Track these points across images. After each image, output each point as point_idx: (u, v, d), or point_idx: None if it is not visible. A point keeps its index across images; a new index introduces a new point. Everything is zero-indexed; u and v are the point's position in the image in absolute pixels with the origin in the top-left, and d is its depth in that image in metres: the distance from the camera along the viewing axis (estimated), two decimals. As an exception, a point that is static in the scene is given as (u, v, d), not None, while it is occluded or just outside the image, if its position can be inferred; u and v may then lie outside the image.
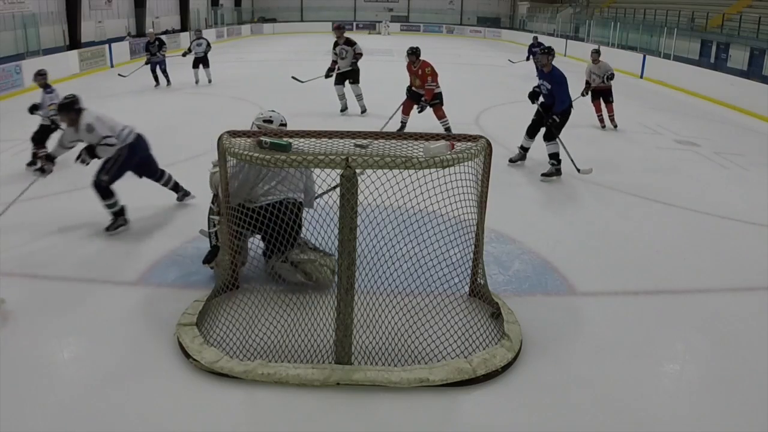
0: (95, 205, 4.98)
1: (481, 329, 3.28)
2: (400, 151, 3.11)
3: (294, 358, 3.10)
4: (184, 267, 4.19)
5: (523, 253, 4.54)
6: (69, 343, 3.38)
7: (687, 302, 3.97)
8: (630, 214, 5.58)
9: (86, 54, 15.43)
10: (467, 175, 3.20)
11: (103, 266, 4.19)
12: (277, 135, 3.26)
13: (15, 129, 8.67)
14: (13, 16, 15.36)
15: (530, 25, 33.33)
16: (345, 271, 2.94)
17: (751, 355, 3.36)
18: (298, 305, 3.47)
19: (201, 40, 12.85)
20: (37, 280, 4.02)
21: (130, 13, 22.96)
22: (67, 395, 2.88)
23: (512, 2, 38.09)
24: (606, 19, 24.86)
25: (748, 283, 4.24)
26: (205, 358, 3.03)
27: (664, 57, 17.11)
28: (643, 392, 2.99)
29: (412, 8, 38.37)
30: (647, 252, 4.70)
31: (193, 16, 28.38)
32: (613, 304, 3.92)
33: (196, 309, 3.45)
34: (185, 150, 7.31)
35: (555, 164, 6.42)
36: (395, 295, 3.32)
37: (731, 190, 6.49)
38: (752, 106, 11.51)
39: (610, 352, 3.33)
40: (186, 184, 5.86)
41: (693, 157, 7.85)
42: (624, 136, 9.07)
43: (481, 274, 3.68)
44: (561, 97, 6.28)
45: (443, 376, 2.94)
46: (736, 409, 2.91)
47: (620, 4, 27.59)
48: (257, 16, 36.75)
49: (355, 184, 2.87)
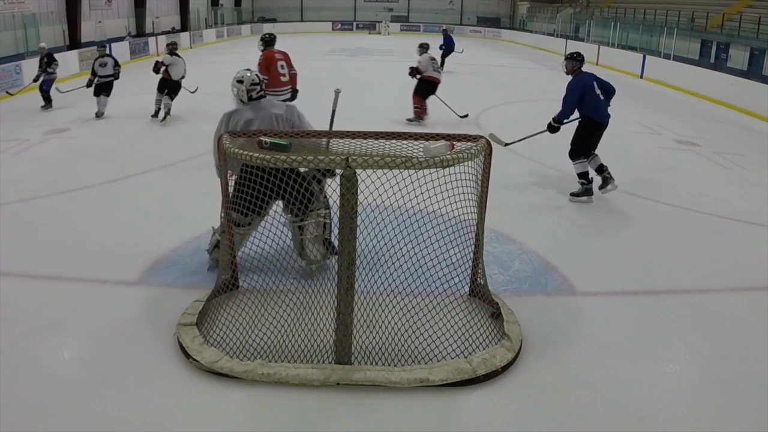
0: (95, 205, 4.99)
1: (481, 329, 3.28)
2: (400, 151, 3.11)
3: (294, 358, 3.10)
4: (184, 267, 4.19)
5: (523, 253, 4.54)
6: (69, 343, 3.38)
7: (687, 302, 3.97)
8: (630, 214, 5.58)
9: (86, 54, 15.41)
10: (467, 175, 3.20)
11: (103, 266, 4.18)
12: (278, 135, 3.26)
13: (15, 129, 8.68)
14: (13, 16, 15.37)
15: (530, 25, 33.35)
16: (345, 271, 2.94)
17: (751, 355, 3.36)
18: (298, 305, 3.47)
19: (105, 60, 9.71)
20: (37, 280, 4.02)
21: (130, 13, 22.98)
22: (67, 395, 2.88)
23: (512, 2, 38.11)
24: (606, 19, 24.88)
25: (748, 283, 4.24)
26: (205, 358, 3.03)
27: (664, 57, 17.11)
28: (643, 392, 2.99)
29: (412, 8, 38.40)
30: (647, 252, 4.70)
31: (193, 16, 28.41)
32: (613, 304, 3.92)
33: (196, 309, 3.45)
34: (185, 150, 7.32)
35: (584, 183, 5.75)
36: (395, 295, 3.32)
37: (731, 190, 6.49)
38: (752, 106, 11.51)
39: (610, 352, 3.33)
40: (186, 184, 5.87)
41: (693, 157, 7.86)
42: (624, 136, 9.07)
43: (481, 274, 3.68)
44: (562, 105, 5.69)
45: (443, 376, 2.94)
46: (736, 409, 2.91)
47: (620, 4, 27.60)
48: (257, 16, 36.77)
49: (355, 184, 2.87)
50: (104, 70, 9.57)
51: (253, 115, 3.85)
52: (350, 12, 38.50)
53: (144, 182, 6.23)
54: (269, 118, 3.86)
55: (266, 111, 3.88)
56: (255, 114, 3.86)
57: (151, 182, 6.24)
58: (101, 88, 9.58)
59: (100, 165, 6.77)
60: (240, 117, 3.86)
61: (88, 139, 8.18)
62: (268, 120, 3.85)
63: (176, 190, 5.94)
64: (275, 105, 4.02)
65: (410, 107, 9.39)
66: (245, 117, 3.85)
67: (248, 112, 3.87)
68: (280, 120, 3.89)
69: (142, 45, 19.20)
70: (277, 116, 3.88)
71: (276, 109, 3.95)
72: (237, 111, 3.91)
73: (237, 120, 3.86)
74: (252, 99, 3.90)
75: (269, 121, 3.85)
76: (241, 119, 3.85)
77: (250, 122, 3.83)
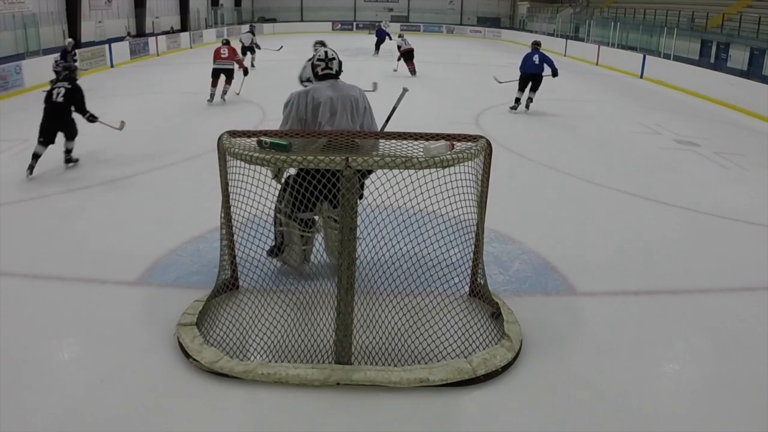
0: (95, 205, 4.99)
1: (481, 329, 3.28)
2: (400, 151, 3.11)
3: (294, 358, 3.10)
4: (184, 267, 4.19)
5: (523, 253, 4.54)
6: (69, 343, 3.38)
7: (687, 302, 3.97)
8: (630, 214, 5.58)
9: (86, 54, 15.42)
10: (467, 175, 3.20)
11: (103, 266, 4.18)
12: (278, 135, 3.25)
13: (15, 129, 8.67)
14: (13, 16, 15.36)
15: (530, 25, 33.34)
16: (345, 271, 2.94)
17: (751, 355, 3.36)
18: (298, 305, 3.47)
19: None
20: (37, 280, 4.02)
21: (130, 13, 22.97)
22: (67, 395, 2.88)
23: (512, 2, 38.09)
24: (606, 19, 24.86)
25: (748, 283, 4.24)
26: (205, 358, 3.03)
27: (664, 57, 17.10)
28: (643, 392, 2.99)
29: (412, 8, 38.37)
30: (647, 252, 4.70)
31: (193, 16, 28.40)
32: (613, 304, 3.92)
33: (196, 309, 3.45)
34: (186, 149, 7.33)
35: (516, 103, 10.37)
36: (395, 295, 3.32)
37: (731, 190, 6.49)
38: (752, 106, 11.51)
39: (610, 352, 3.33)
40: (186, 184, 5.87)
41: (693, 157, 7.85)
42: (624, 136, 9.08)
43: (481, 274, 3.68)
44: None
45: (443, 376, 2.94)
46: (736, 409, 2.91)
47: (620, 4, 27.60)
48: (257, 16, 36.74)
49: (355, 184, 2.87)
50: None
51: (333, 94, 3.66)
52: (350, 12, 38.47)
53: (144, 182, 6.23)
54: (348, 99, 3.69)
55: (344, 92, 3.70)
56: (335, 93, 3.67)
57: (151, 182, 6.23)
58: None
59: (100, 165, 6.77)
60: (320, 94, 3.64)
61: (87, 139, 8.17)
62: (348, 101, 3.67)
63: (176, 190, 5.95)
64: (351, 87, 3.81)
65: (411, 108, 9.46)
66: (326, 94, 3.64)
67: (328, 90, 3.68)
68: (355, 103, 3.71)
69: (142, 45, 19.20)
70: (353, 98, 3.71)
71: (353, 91, 3.76)
72: (315, 88, 3.70)
73: (317, 97, 3.63)
74: (327, 77, 3.73)
75: (349, 102, 3.68)
76: (320, 96, 3.63)
77: (332, 101, 3.63)
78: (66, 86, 6.40)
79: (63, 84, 6.44)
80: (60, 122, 6.41)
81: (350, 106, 3.70)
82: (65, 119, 6.45)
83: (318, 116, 3.64)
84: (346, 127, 3.64)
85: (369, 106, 3.84)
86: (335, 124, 3.63)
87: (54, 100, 6.33)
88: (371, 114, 3.84)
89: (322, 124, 3.62)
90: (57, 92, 6.37)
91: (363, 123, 3.79)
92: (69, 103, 6.39)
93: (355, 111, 3.72)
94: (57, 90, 6.40)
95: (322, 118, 3.63)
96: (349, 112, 3.69)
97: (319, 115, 3.63)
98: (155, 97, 11.79)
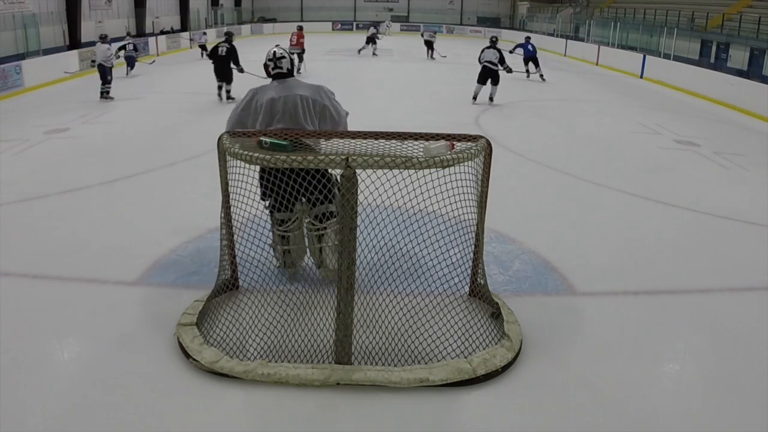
0: (95, 205, 4.99)
1: (481, 329, 3.28)
2: (400, 151, 3.11)
3: (294, 358, 3.10)
4: (184, 267, 4.19)
5: (523, 253, 4.54)
6: (69, 343, 3.38)
7: (687, 302, 3.96)
8: (630, 214, 5.58)
9: (86, 54, 15.42)
10: (467, 175, 3.20)
11: (103, 266, 4.18)
12: (278, 135, 3.25)
13: (15, 129, 8.68)
14: (13, 16, 15.36)
15: (530, 25, 33.34)
16: (345, 271, 2.94)
17: (751, 355, 3.35)
18: (298, 305, 3.47)
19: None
20: (37, 280, 4.02)
21: (130, 13, 22.97)
22: (67, 395, 2.88)
23: (512, 2, 38.11)
24: (606, 19, 24.87)
25: (748, 283, 4.24)
26: (205, 358, 3.03)
27: (664, 57, 17.11)
28: (643, 392, 2.99)
29: (412, 8, 38.39)
30: (647, 252, 4.70)
31: (193, 16, 28.41)
32: (613, 304, 3.92)
33: (196, 309, 3.45)
34: (186, 149, 7.33)
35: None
36: (395, 295, 3.32)
37: (731, 190, 6.49)
38: (752, 106, 11.51)
39: (610, 352, 3.33)
40: (186, 184, 5.87)
41: (693, 157, 7.85)
42: (624, 136, 9.08)
43: (481, 274, 3.68)
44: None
45: (443, 376, 2.94)
46: (736, 409, 2.91)
47: (620, 4, 27.60)
48: (257, 16, 36.77)
49: (355, 184, 2.87)
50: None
51: (276, 94, 3.66)
52: (350, 12, 38.49)
53: (144, 182, 6.23)
54: (293, 99, 3.64)
55: (291, 91, 3.67)
56: (278, 93, 3.67)
57: (151, 182, 6.24)
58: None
59: (100, 165, 6.77)
60: (263, 95, 3.67)
61: (88, 139, 8.18)
62: (291, 101, 3.63)
63: (176, 190, 5.94)
64: (302, 85, 3.77)
65: (411, 109, 9.48)
66: (268, 95, 3.66)
67: (272, 91, 3.69)
68: (305, 102, 3.65)
69: (142, 45, 19.19)
70: (302, 98, 3.65)
71: (301, 90, 3.71)
72: (263, 87, 3.72)
73: (260, 98, 3.66)
74: (277, 76, 3.74)
75: (293, 102, 3.63)
76: (263, 97, 3.66)
77: (272, 102, 3.63)
78: (226, 46, 10.74)
79: (224, 45, 10.77)
80: (223, 69, 10.76)
81: (300, 106, 3.63)
82: (226, 67, 10.73)
83: (258, 118, 3.65)
84: (292, 126, 3.59)
85: (331, 104, 3.74)
86: (274, 124, 3.61)
87: (219, 54, 10.70)
88: (333, 111, 3.75)
89: (262, 125, 3.62)
90: (221, 49, 10.74)
91: (320, 123, 3.71)
92: (228, 56, 10.67)
93: (306, 111, 3.65)
94: (221, 48, 10.75)
95: (262, 120, 3.64)
96: (293, 113, 3.62)
97: (260, 116, 3.65)
98: (155, 97, 11.79)
